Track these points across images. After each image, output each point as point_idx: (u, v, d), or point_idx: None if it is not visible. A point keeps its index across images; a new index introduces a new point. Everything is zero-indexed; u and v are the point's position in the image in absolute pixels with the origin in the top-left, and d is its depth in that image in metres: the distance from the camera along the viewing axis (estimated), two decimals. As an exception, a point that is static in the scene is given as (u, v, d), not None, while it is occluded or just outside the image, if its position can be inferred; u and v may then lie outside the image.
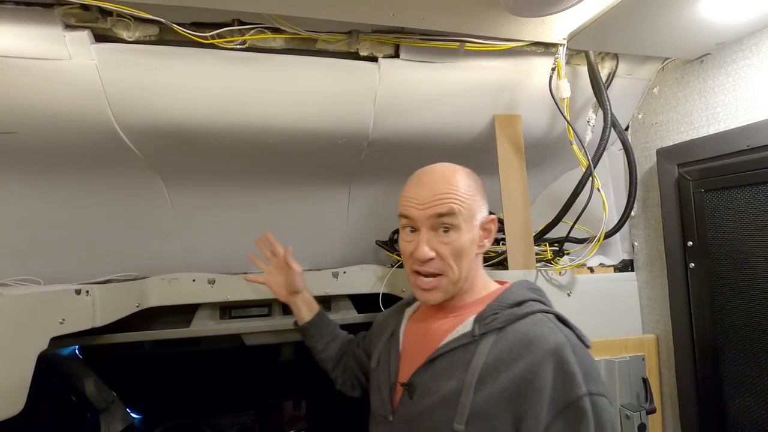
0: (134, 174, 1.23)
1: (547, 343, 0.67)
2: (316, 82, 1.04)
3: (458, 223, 0.74)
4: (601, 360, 1.12)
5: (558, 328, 0.70)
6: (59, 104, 0.94)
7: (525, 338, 0.69)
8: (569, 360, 0.65)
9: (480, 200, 0.78)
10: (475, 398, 0.67)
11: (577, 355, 0.66)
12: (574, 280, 1.19)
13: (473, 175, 0.80)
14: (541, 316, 0.72)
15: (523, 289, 0.77)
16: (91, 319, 1.13)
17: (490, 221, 0.79)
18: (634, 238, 1.27)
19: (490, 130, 1.24)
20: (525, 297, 0.75)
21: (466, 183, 0.77)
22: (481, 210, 0.78)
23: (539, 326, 0.70)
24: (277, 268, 1.18)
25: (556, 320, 0.73)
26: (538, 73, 1.15)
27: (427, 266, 0.75)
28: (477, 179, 0.80)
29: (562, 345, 0.67)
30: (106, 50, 0.90)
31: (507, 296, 0.76)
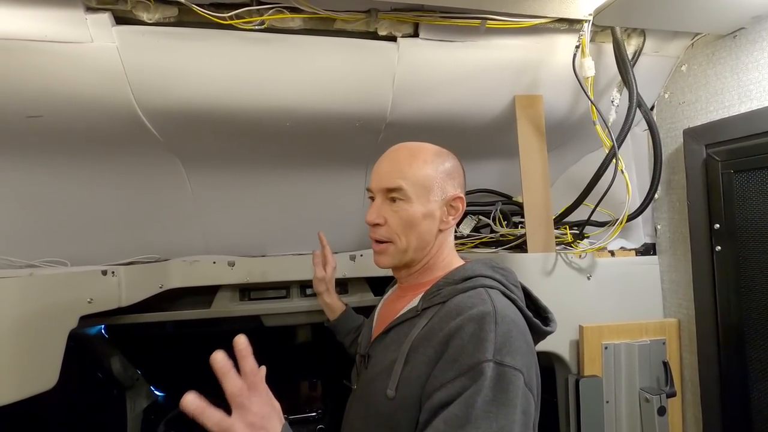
0: (155, 158, 1.25)
1: (472, 311, 0.68)
2: (334, 62, 1.03)
3: (407, 196, 0.78)
4: (621, 343, 1.12)
5: (492, 300, 0.70)
6: (81, 87, 0.95)
7: (456, 309, 0.70)
8: (486, 328, 0.66)
9: (443, 179, 0.80)
10: (406, 366, 0.71)
11: (499, 326, 0.66)
12: (594, 264, 1.18)
13: (443, 154, 0.82)
14: (481, 290, 0.72)
15: (478, 266, 0.78)
16: (117, 299, 1.16)
17: (456, 199, 0.81)
18: (657, 222, 1.25)
19: (510, 110, 1.21)
20: (475, 273, 0.76)
21: (427, 159, 0.80)
22: (444, 188, 0.80)
23: (474, 298, 0.71)
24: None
25: (499, 294, 0.73)
26: (561, 52, 1.12)
27: (376, 233, 0.82)
28: (447, 159, 0.82)
29: (486, 313, 0.67)
30: (127, 32, 0.91)
31: (457, 272, 0.77)
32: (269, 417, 0.64)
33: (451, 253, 0.84)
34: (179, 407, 0.58)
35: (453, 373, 0.65)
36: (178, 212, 1.45)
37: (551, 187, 1.49)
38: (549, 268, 1.15)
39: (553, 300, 1.13)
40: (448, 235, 0.83)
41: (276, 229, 1.59)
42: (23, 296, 0.93)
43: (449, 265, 0.82)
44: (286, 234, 1.63)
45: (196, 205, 1.44)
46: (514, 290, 0.76)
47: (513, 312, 0.71)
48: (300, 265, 1.52)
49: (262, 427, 0.62)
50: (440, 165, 0.81)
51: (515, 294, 0.75)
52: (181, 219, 1.47)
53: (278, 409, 0.66)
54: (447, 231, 0.82)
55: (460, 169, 0.84)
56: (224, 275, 1.42)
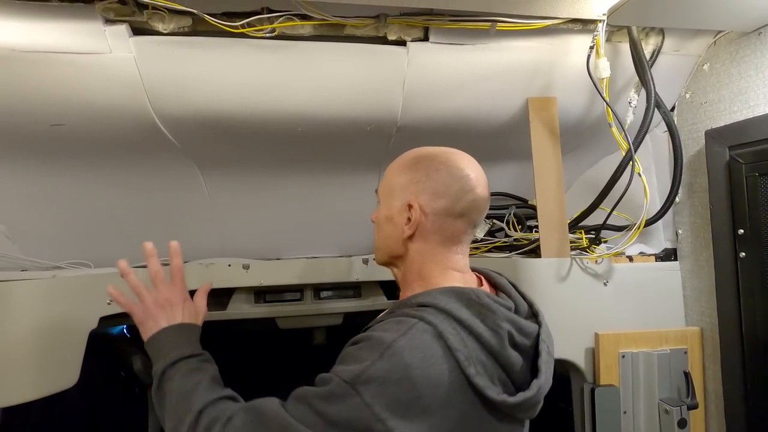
0: (172, 163, 1.28)
1: (375, 335, 0.61)
2: (344, 68, 1.04)
3: (379, 198, 0.80)
4: (639, 352, 1.08)
5: (404, 333, 0.60)
6: (101, 97, 0.99)
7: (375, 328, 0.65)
8: (369, 354, 0.59)
9: (407, 184, 0.73)
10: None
11: (383, 359, 0.57)
12: (611, 269, 1.14)
13: (422, 160, 0.74)
14: (413, 321, 0.62)
15: (444, 295, 0.66)
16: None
17: (406, 207, 0.72)
18: (678, 226, 1.20)
19: (523, 113, 1.19)
20: (431, 302, 0.65)
21: (401, 166, 0.77)
22: (405, 194, 0.73)
23: (396, 324, 0.63)
24: None
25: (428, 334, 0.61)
26: (575, 53, 1.09)
27: None
28: (422, 165, 0.73)
29: (380, 341, 0.59)
30: (143, 43, 0.93)
31: (419, 296, 0.69)
32: (173, 305, 0.84)
33: (438, 270, 0.72)
34: None
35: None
36: (196, 216, 1.48)
37: (567, 191, 1.47)
38: (563, 273, 1.12)
39: (568, 306, 1.12)
40: (426, 247, 0.72)
41: (290, 233, 1.61)
42: (46, 297, 0.97)
43: (431, 283, 0.72)
44: (300, 237, 1.65)
45: (213, 209, 1.47)
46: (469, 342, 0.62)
47: (422, 357, 0.58)
48: (314, 268, 1.53)
49: (163, 307, 0.83)
50: (410, 171, 0.74)
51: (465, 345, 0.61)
52: (198, 222, 1.50)
53: (191, 309, 0.87)
54: (423, 243, 0.72)
55: (440, 177, 0.71)
56: (239, 278, 1.44)
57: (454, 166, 0.72)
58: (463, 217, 0.71)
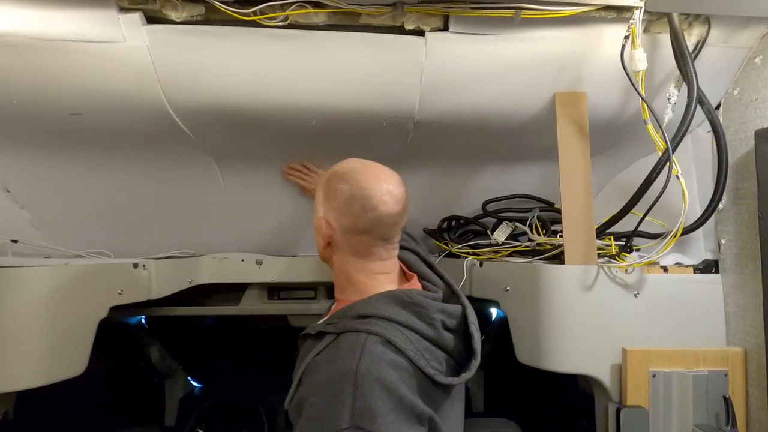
0: (189, 155, 1.28)
1: (337, 366, 0.68)
2: (359, 58, 1.00)
3: None
4: (672, 372, 0.99)
5: (361, 355, 0.67)
6: (116, 86, 0.99)
7: (335, 354, 0.71)
8: (345, 391, 0.64)
9: (322, 199, 0.83)
10: (297, 390, 0.73)
11: (358, 388, 0.64)
12: (642, 280, 1.05)
13: (336, 177, 0.82)
14: (362, 336, 0.70)
15: (382, 303, 0.75)
16: (147, 292, 1.20)
17: (319, 221, 0.82)
18: (720, 235, 1.10)
19: (549, 110, 1.12)
20: (373, 312, 0.73)
21: (321, 181, 0.85)
22: (320, 208, 0.83)
23: (351, 347, 0.69)
24: None
25: (378, 344, 0.69)
26: (608, 44, 1.01)
27: None
28: (335, 181, 0.82)
29: (347, 374, 0.65)
30: (156, 31, 0.93)
31: (358, 306, 0.76)
32: None
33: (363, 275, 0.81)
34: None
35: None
36: (213, 209, 1.48)
37: (597, 195, 1.38)
38: (589, 282, 1.04)
39: (593, 318, 1.04)
40: (344, 258, 0.82)
41: (305, 229, 1.59)
42: (56, 284, 0.97)
43: (362, 289, 0.80)
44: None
45: (229, 203, 1.47)
46: (412, 337, 0.72)
47: (385, 364, 0.67)
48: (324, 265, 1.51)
49: None
50: (324, 187, 0.83)
51: (410, 341, 0.72)
52: (215, 216, 1.50)
53: None
54: (340, 254, 0.82)
55: (343, 196, 0.79)
56: (252, 273, 1.43)
57: (358, 186, 0.78)
58: (368, 233, 0.78)
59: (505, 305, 1.16)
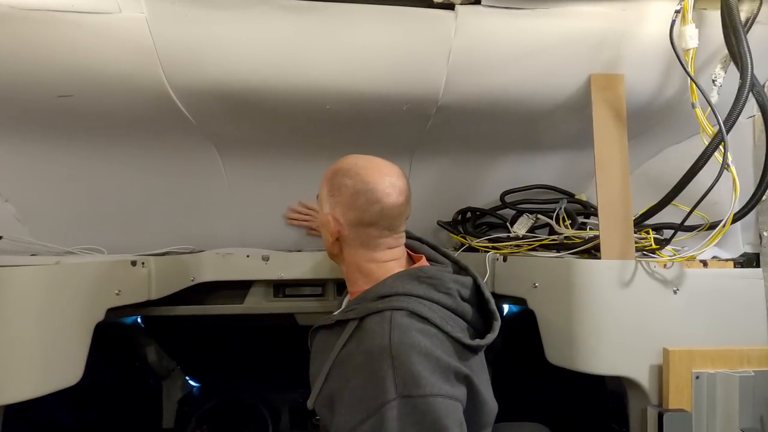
0: (189, 143, 1.18)
1: (370, 346, 0.70)
2: (382, 34, 0.91)
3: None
4: (717, 373, 0.93)
5: (390, 329, 0.70)
6: (111, 64, 0.89)
7: (363, 337, 0.73)
8: (383, 366, 0.67)
9: (327, 195, 0.84)
10: (325, 385, 0.75)
11: (396, 359, 0.67)
12: (682, 275, 0.99)
13: (339, 173, 0.84)
14: (386, 315, 0.73)
15: (398, 281, 0.78)
16: (147, 292, 1.10)
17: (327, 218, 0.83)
18: (763, 227, 1.04)
19: (583, 93, 1.04)
20: (390, 291, 0.77)
21: (326, 177, 0.86)
22: (326, 205, 0.84)
23: (379, 325, 0.72)
24: None
25: (404, 316, 0.73)
26: (650, 21, 0.94)
27: None
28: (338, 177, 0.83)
29: (382, 349, 0.69)
30: (157, 1, 0.83)
31: (376, 288, 0.79)
32: None
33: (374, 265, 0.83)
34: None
35: (360, 415, 0.67)
36: (214, 202, 1.39)
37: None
38: (626, 278, 0.97)
39: (631, 316, 0.97)
40: (353, 251, 0.84)
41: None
42: (48, 286, 0.87)
43: (374, 277, 0.82)
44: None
45: (232, 194, 1.37)
46: (434, 307, 0.76)
47: (416, 332, 0.71)
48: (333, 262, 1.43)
49: None
50: (329, 183, 0.84)
51: (433, 311, 0.75)
52: (216, 209, 1.41)
53: None
54: (349, 248, 0.84)
55: (348, 191, 0.81)
56: (258, 270, 1.34)
57: (362, 180, 0.80)
58: (374, 225, 0.80)
59: (534, 302, 1.09)
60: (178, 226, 1.42)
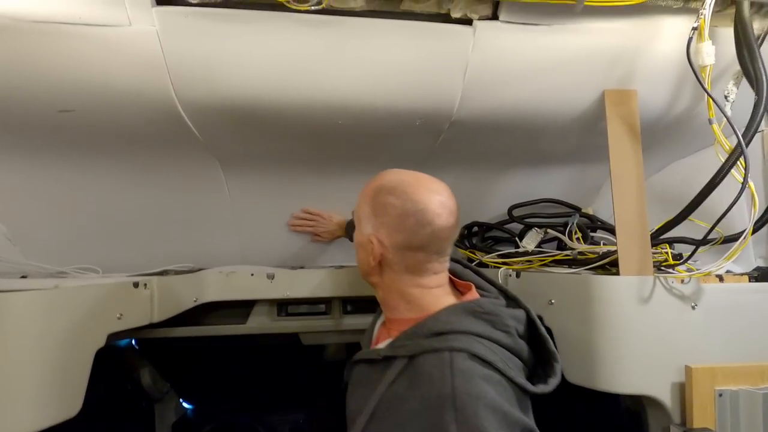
0: (192, 158, 1.15)
1: (427, 391, 0.64)
2: (399, 49, 0.89)
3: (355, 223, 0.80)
4: (739, 390, 0.92)
5: (452, 375, 0.63)
6: (117, 78, 0.85)
7: (417, 379, 0.66)
8: (446, 419, 0.61)
9: (369, 215, 0.76)
10: (370, 425, 0.68)
11: (460, 412, 0.61)
12: (699, 291, 0.98)
13: (383, 192, 0.76)
14: (446, 356, 0.66)
15: (455, 316, 0.71)
16: (149, 315, 1.05)
17: (368, 239, 0.75)
18: (775, 241, 1.04)
19: (595, 108, 1.04)
20: (447, 328, 0.69)
21: (366, 195, 0.78)
22: (367, 224, 0.76)
23: (437, 368, 0.65)
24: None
25: (467, 358, 0.66)
26: (663, 38, 0.94)
27: None
28: (379, 199, 0.75)
29: (444, 399, 0.62)
30: (169, 14, 0.80)
31: (429, 323, 0.71)
32: None
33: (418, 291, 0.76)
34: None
35: None
36: (215, 218, 1.35)
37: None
38: (646, 294, 0.96)
39: (651, 333, 0.95)
40: (396, 276, 0.76)
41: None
42: (47, 313, 0.82)
43: (418, 304, 0.75)
44: (327, 244, 1.51)
45: (234, 211, 1.33)
46: (495, 348, 0.69)
47: (480, 379, 0.64)
48: (343, 278, 1.39)
49: None
50: (371, 202, 0.76)
51: (494, 353, 0.68)
52: (217, 225, 1.37)
53: None
54: (391, 272, 0.76)
55: (396, 211, 0.73)
56: (263, 289, 1.30)
57: (410, 200, 0.72)
58: (423, 248, 0.73)
59: (550, 320, 1.06)
60: (176, 244, 1.37)
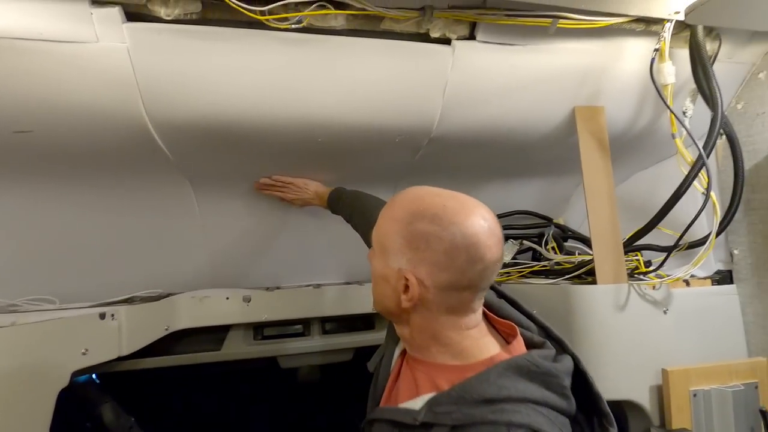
0: (162, 179, 1.09)
1: None
2: (380, 68, 0.89)
3: (374, 248, 0.66)
4: (711, 389, 0.97)
5: None
6: (82, 96, 0.80)
7: None
8: None
9: (403, 245, 0.61)
10: None
11: None
12: (669, 296, 1.03)
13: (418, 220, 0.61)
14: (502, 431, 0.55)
15: (508, 380, 0.59)
16: (117, 348, 0.98)
17: (404, 276, 0.60)
18: (732, 246, 1.11)
19: (567, 124, 1.08)
20: (503, 394, 0.57)
21: (397, 220, 0.63)
22: (401, 257, 0.61)
23: None
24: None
25: None
26: (627, 58, 1.00)
27: None
28: (419, 229, 0.61)
29: None
30: (141, 30, 0.76)
31: (474, 386, 0.59)
32: None
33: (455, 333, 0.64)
34: None
35: None
36: (184, 240, 1.28)
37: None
38: (621, 301, 1.00)
39: (628, 339, 0.99)
40: (432, 316, 0.62)
41: (292, 258, 1.43)
42: (4, 354, 0.74)
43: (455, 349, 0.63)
44: (300, 262, 1.47)
45: (204, 233, 1.27)
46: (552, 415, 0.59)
47: None
48: (321, 298, 1.36)
49: None
50: (407, 232, 0.61)
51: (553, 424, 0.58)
52: (186, 248, 1.30)
53: None
54: (427, 312, 0.62)
55: (443, 246, 0.59)
56: (239, 312, 1.24)
57: (460, 232, 0.59)
58: (471, 287, 0.61)
59: (532, 331, 1.08)
60: (142, 268, 1.29)
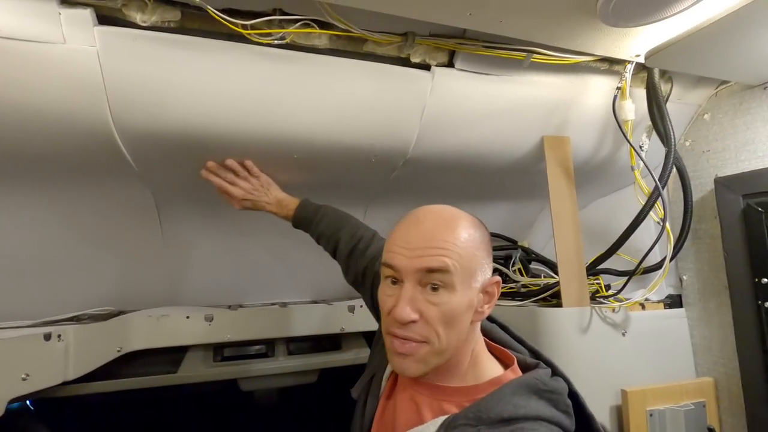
0: (123, 189, 1.03)
1: None
2: (361, 88, 0.90)
3: (452, 282, 0.58)
4: (666, 409, 1.01)
5: None
6: (45, 99, 0.74)
7: None
8: None
9: (484, 257, 0.62)
10: None
11: None
12: (627, 318, 1.09)
13: (480, 225, 0.64)
14: None
15: (523, 399, 0.59)
16: (63, 372, 0.90)
17: (494, 284, 0.63)
18: (682, 272, 1.19)
19: (535, 152, 1.13)
20: (520, 413, 0.57)
21: (470, 234, 0.61)
22: (483, 269, 0.61)
23: None
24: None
25: None
26: (592, 93, 1.07)
27: (407, 330, 0.59)
28: (484, 231, 0.64)
29: None
30: (113, 35, 0.72)
31: (493, 405, 0.58)
32: None
33: (482, 350, 0.66)
34: None
35: None
36: (143, 255, 1.21)
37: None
38: (584, 324, 1.04)
39: (591, 360, 1.03)
40: (477, 326, 0.65)
41: (254, 274, 1.39)
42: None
43: (479, 369, 0.64)
44: (265, 280, 1.43)
45: (165, 247, 1.21)
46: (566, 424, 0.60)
47: None
48: (287, 317, 1.32)
49: None
50: (482, 237, 0.62)
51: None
52: (145, 263, 1.23)
53: None
54: (475, 331, 0.64)
55: (490, 244, 0.65)
56: (200, 332, 1.18)
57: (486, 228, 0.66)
58: None
59: (500, 352, 1.10)
60: (93, 284, 1.21)
